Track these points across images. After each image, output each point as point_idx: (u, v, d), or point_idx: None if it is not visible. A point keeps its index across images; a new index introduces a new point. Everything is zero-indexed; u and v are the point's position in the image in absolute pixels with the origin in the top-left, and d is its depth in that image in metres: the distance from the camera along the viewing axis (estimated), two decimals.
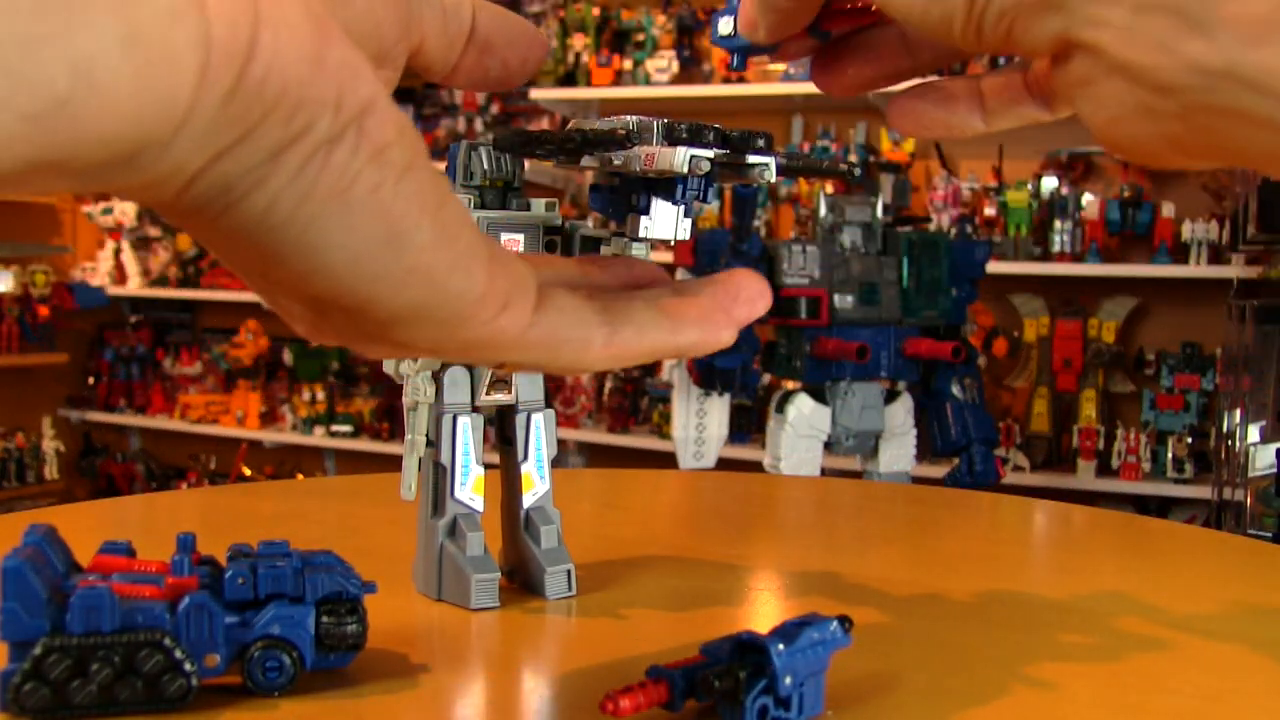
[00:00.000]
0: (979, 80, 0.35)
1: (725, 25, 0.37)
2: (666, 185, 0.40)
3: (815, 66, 0.37)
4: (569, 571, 0.55)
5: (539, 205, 0.52)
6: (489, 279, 0.26)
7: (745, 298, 0.32)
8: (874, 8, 0.31)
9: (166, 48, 0.20)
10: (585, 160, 0.37)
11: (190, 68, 0.20)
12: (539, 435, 0.55)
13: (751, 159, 0.38)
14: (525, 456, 0.55)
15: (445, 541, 0.53)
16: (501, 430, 0.56)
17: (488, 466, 0.54)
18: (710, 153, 0.37)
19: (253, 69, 0.21)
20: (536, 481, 0.55)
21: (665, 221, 0.41)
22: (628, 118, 0.37)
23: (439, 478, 0.53)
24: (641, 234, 0.41)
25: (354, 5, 0.27)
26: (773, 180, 0.39)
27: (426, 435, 0.53)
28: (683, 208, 0.40)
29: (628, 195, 0.41)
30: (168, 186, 0.23)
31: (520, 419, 0.55)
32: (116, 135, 0.20)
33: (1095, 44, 0.26)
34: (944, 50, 0.35)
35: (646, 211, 0.41)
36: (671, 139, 0.36)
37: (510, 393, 0.54)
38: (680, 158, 0.36)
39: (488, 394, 0.53)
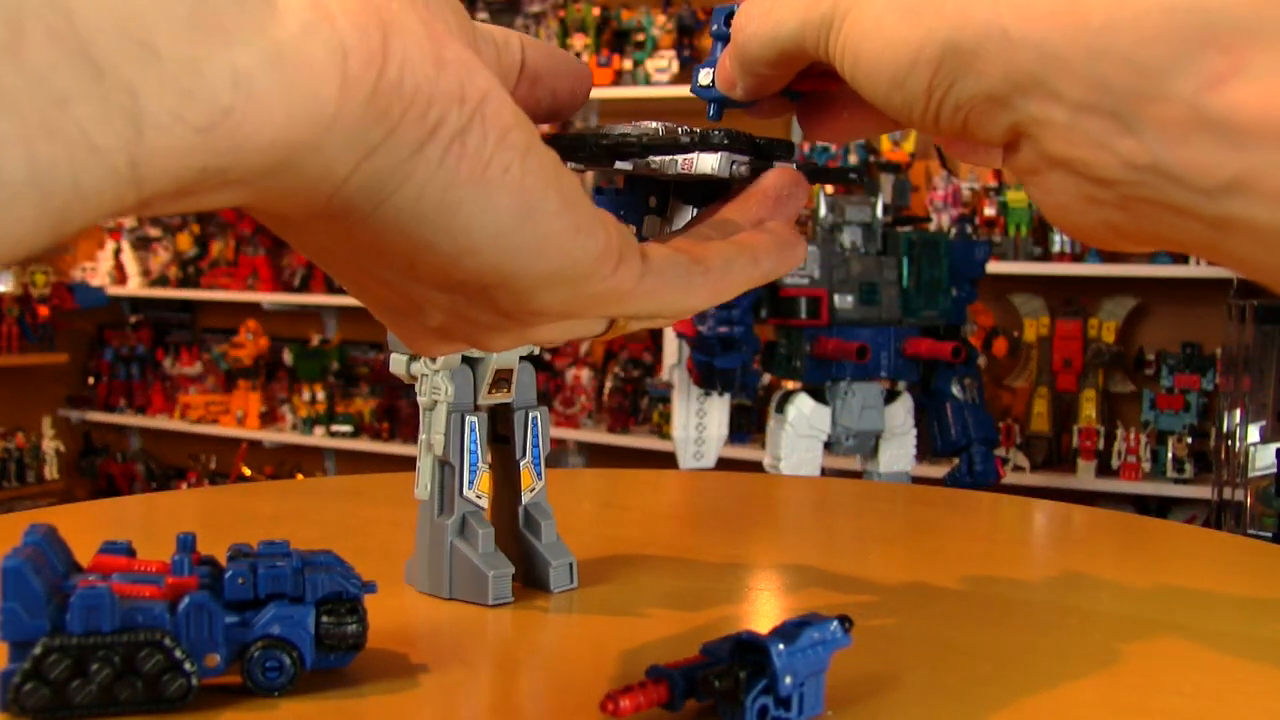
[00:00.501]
0: None
1: (705, 76, 0.39)
2: (687, 189, 0.40)
3: (802, 116, 0.39)
4: (571, 564, 0.56)
5: None
6: (606, 237, 0.29)
7: (787, 196, 0.37)
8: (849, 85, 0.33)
9: (306, 59, 0.23)
10: (620, 164, 0.38)
11: (331, 74, 0.23)
12: (537, 432, 0.56)
13: (779, 165, 0.39)
14: (524, 453, 0.56)
15: (455, 540, 0.53)
16: (494, 429, 0.56)
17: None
18: (747, 159, 0.37)
19: (388, 71, 0.24)
20: (534, 478, 0.56)
21: (682, 223, 0.41)
22: (653, 123, 0.37)
23: (446, 476, 0.54)
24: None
25: None
26: None
27: (445, 434, 0.53)
28: (697, 210, 0.41)
29: (643, 197, 0.42)
30: (320, 189, 0.25)
31: (519, 417, 0.55)
32: (274, 141, 0.23)
33: (1039, 140, 0.28)
34: None
35: (663, 214, 0.41)
36: (708, 144, 0.36)
37: (510, 392, 0.55)
38: (721, 163, 0.36)
39: (489, 394, 0.54)
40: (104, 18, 0.20)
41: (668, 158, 0.37)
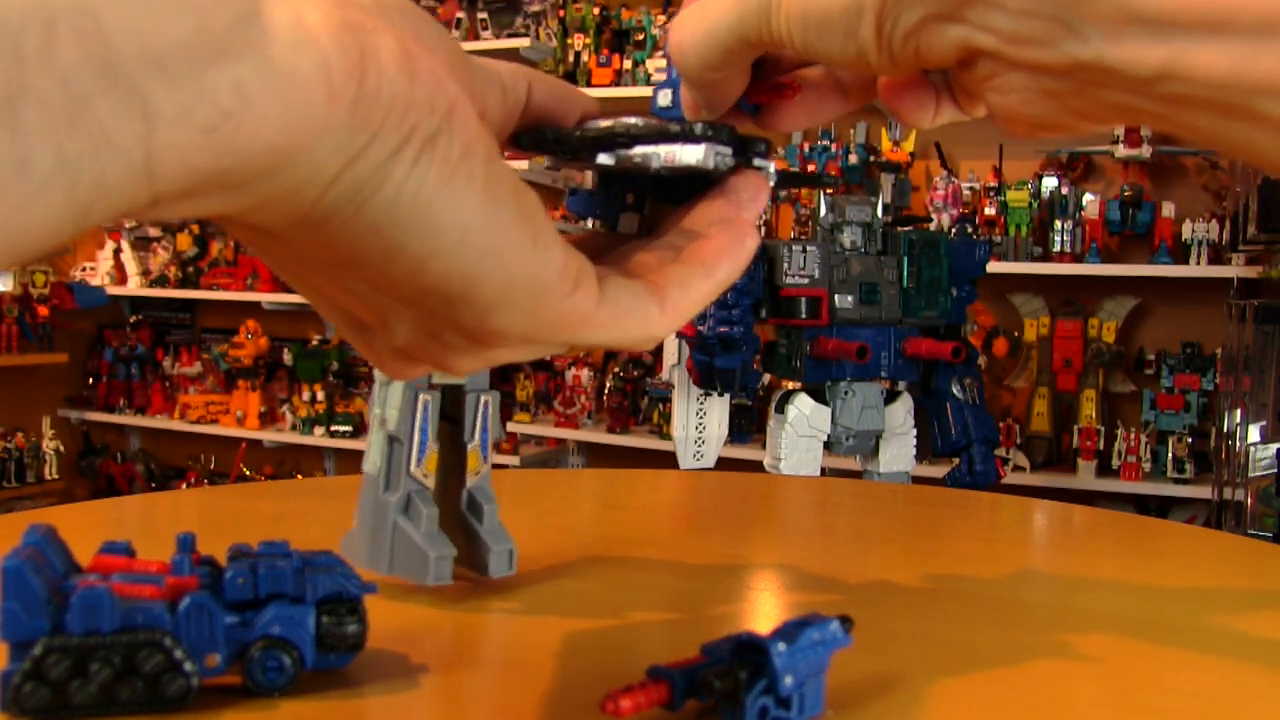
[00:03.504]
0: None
1: (664, 97, 0.40)
2: (665, 186, 0.40)
3: (760, 120, 0.40)
4: (511, 551, 0.55)
5: None
6: (564, 255, 0.30)
7: (748, 199, 0.37)
8: (800, 57, 0.35)
9: (296, 71, 0.25)
10: (602, 158, 0.37)
11: (318, 86, 0.25)
12: (486, 416, 0.55)
13: (757, 163, 0.39)
14: (472, 436, 0.55)
15: (398, 518, 0.53)
16: (444, 409, 0.56)
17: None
18: (730, 150, 0.37)
19: (368, 82, 0.26)
20: (481, 461, 0.56)
21: (660, 221, 0.41)
22: (633, 118, 0.37)
23: (395, 453, 0.53)
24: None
25: None
26: (772, 184, 0.39)
27: (399, 411, 0.53)
28: (675, 207, 0.40)
29: (619, 194, 0.41)
30: (308, 193, 0.27)
31: (470, 399, 0.55)
32: (271, 145, 0.25)
33: (992, 47, 0.30)
34: (869, 89, 0.40)
35: (640, 210, 0.41)
36: (693, 136, 0.36)
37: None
38: (705, 154, 0.36)
39: (442, 373, 0.54)
40: (124, 25, 0.23)
41: (651, 150, 0.36)
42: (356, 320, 0.33)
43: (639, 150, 0.36)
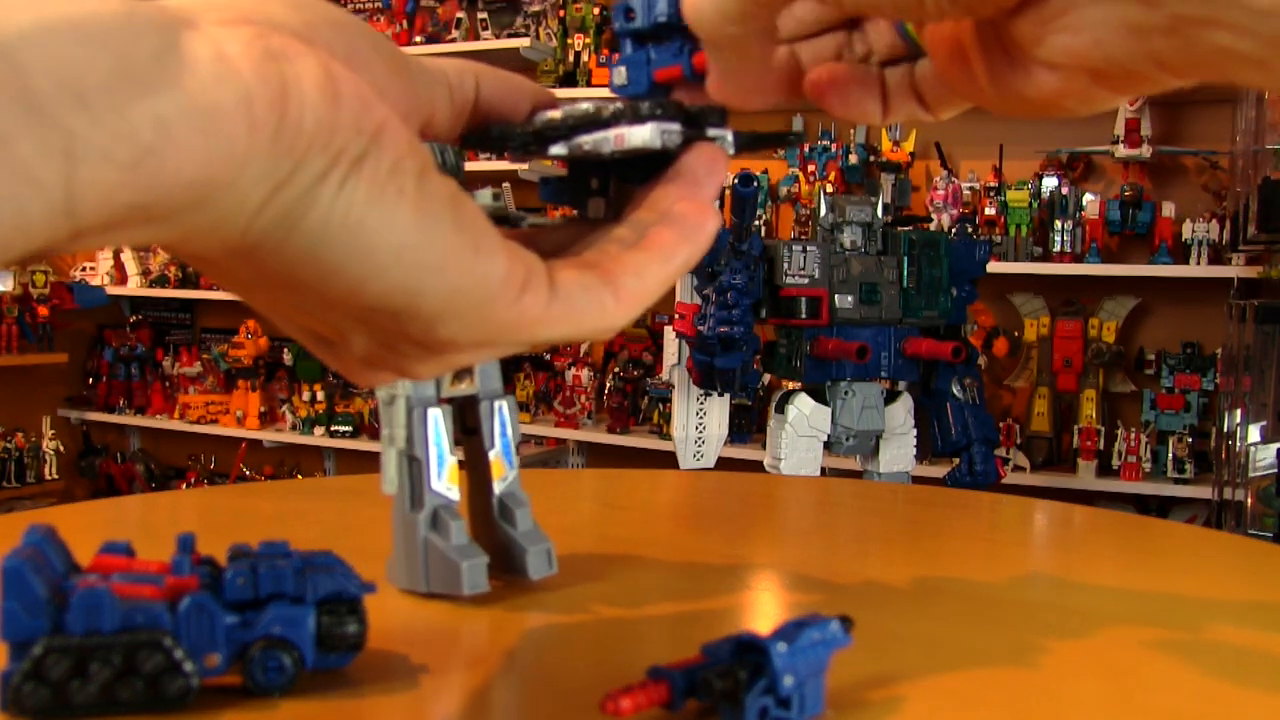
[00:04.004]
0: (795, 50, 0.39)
1: (619, 75, 0.38)
2: (629, 167, 0.39)
3: (713, 89, 0.38)
4: (549, 550, 0.55)
5: (485, 195, 0.52)
6: (509, 260, 0.30)
7: (704, 175, 0.35)
8: (836, 6, 0.32)
9: (217, 105, 0.25)
10: (554, 149, 0.37)
11: (240, 118, 0.25)
12: (503, 421, 0.55)
13: (711, 132, 0.38)
14: (492, 444, 0.55)
15: (428, 534, 0.53)
16: (463, 422, 0.56)
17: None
18: (678, 126, 0.36)
19: (289, 111, 0.26)
20: (506, 467, 0.56)
21: (627, 204, 0.40)
22: (584, 104, 0.37)
23: (414, 471, 0.53)
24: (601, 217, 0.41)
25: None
26: (732, 154, 0.38)
27: (406, 429, 0.53)
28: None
29: (584, 180, 0.41)
30: (236, 224, 0.27)
31: (484, 407, 0.55)
32: (194, 179, 0.25)
33: None
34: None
35: (605, 193, 0.41)
36: (637, 116, 0.36)
37: (473, 383, 0.55)
38: (652, 134, 0.35)
39: (451, 386, 0.54)
40: (42, 65, 0.23)
41: (599, 136, 0.35)
42: (315, 334, 0.33)
43: (588, 137, 0.35)
